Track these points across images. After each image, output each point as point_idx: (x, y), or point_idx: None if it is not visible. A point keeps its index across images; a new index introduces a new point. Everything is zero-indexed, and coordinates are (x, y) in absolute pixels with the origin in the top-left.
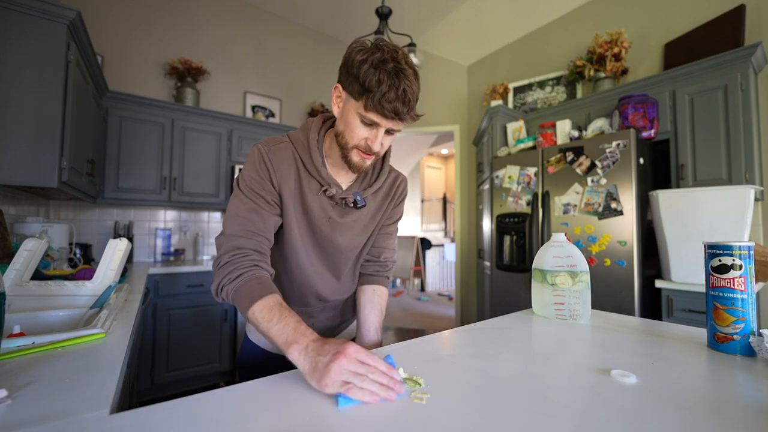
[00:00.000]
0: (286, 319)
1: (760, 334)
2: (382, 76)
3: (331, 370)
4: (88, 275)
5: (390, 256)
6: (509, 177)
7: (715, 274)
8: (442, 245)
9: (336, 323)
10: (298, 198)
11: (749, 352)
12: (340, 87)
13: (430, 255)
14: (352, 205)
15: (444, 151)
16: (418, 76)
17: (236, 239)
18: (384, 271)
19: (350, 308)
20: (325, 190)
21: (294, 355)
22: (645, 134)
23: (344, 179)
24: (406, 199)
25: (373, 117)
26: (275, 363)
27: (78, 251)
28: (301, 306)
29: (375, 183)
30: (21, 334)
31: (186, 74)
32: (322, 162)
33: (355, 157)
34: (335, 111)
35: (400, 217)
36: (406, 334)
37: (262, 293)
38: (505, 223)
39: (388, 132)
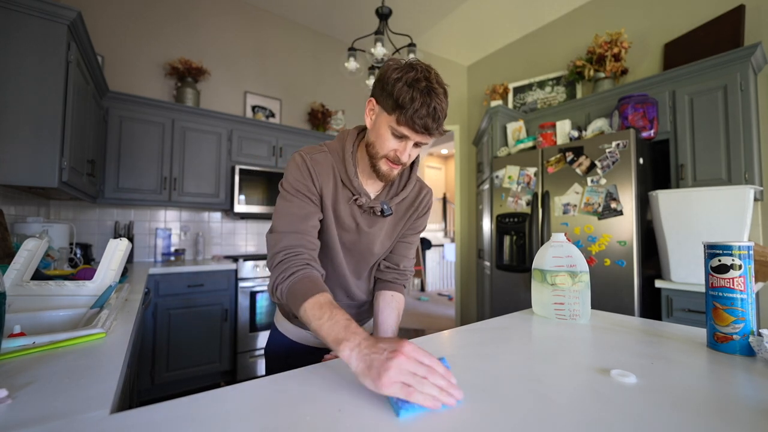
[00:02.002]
0: (336, 317)
1: (759, 334)
2: (415, 94)
3: (390, 369)
4: (88, 275)
5: (409, 266)
6: (509, 177)
7: (714, 274)
8: (442, 245)
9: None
10: (331, 203)
11: (749, 352)
12: (374, 101)
13: (430, 255)
14: (379, 213)
15: (444, 151)
16: (447, 94)
17: (287, 237)
18: (402, 279)
19: (367, 310)
20: (356, 199)
21: (345, 353)
22: (645, 134)
23: (372, 188)
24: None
25: (404, 131)
26: (300, 353)
27: (78, 251)
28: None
29: (402, 192)
30: (21, 334)
31: (186, 74)
32: (355, 172)
33: (384, 166)
34: (368, 122)
35: (423, 228)
36: (406, 334)
37: (314, 291)
38: (505, 223)
39: (416, 144)
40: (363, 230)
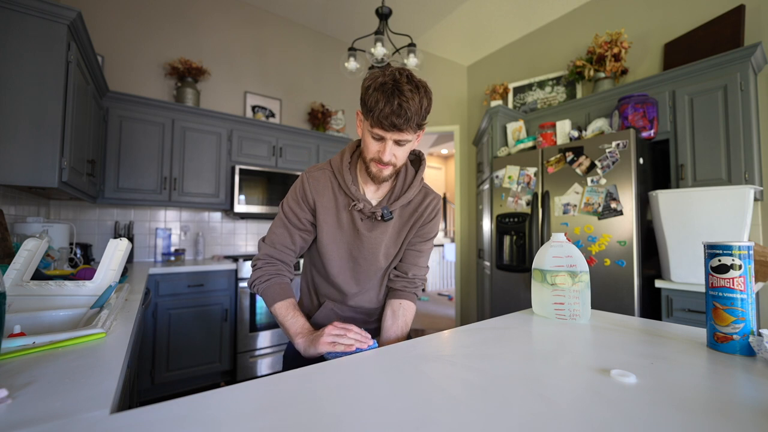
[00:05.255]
0: (296, 317)
1: (759, 334)
2: (379, 96)
3: (322, 336)
4: (88, 275)
5: (419, 273)
6: (509, 177)
7: (714, 274)
8: (442, 245)
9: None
10: (333, 214)
11: (749, 351)
12: (359, 112)
13: (431, 255)
14: (380, 218)
15: (444, 151)
16: (419, 90)
17: (269, 248)
18: (412, 288)
19: (377, 318)
20: (354, 205)
21: (298, 341)
22: (645, 134)
23: (374, 195)
24: (438, 217)
25: (378, 131)
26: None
27: (78, 251)
28: (334, 301)
29: (403, 197)
30: (21, 334)
31: (186, 74)
32: (352, 180)
33: (374, 168)
34: (359, 133)
35: (434, 235)
36: None
37: (283, 296)
38: (505, 223)
39: (398, 143)
40: (363, 234)
